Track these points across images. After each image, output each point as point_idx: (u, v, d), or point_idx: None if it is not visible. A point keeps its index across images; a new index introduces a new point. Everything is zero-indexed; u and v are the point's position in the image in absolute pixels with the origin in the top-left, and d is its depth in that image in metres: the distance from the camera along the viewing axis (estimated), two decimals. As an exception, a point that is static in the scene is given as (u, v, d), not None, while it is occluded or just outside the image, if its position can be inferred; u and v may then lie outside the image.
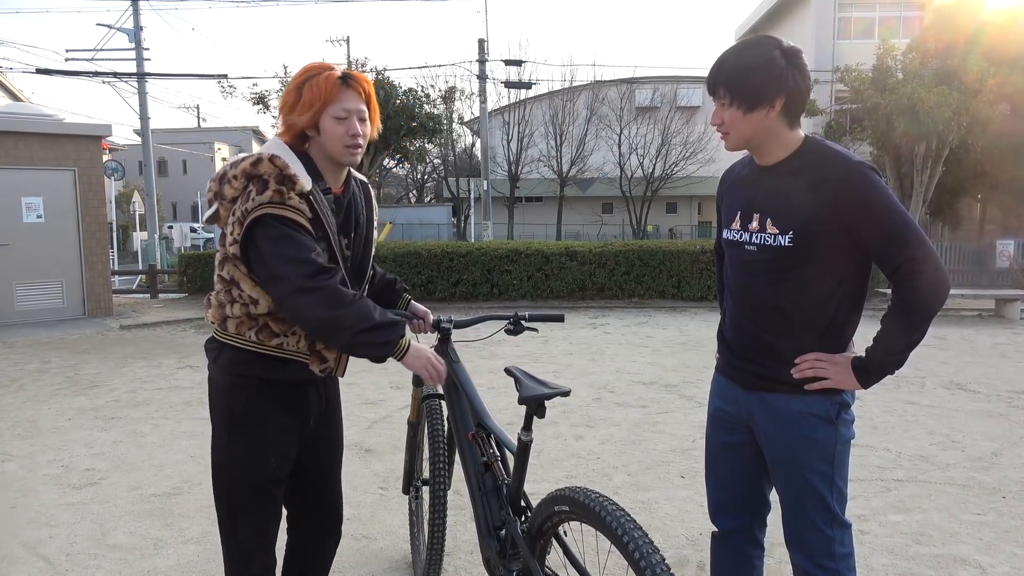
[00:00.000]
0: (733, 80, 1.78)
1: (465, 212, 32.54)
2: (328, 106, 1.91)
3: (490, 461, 2.23)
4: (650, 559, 1.55)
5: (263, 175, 1.83)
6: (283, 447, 2.02)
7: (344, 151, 1.95)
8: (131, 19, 18.88)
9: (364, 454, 4.48)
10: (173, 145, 39.44)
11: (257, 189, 1.82)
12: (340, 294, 1.81)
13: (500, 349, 8.02)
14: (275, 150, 1.89)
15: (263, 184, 1.82)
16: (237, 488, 2.00)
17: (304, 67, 1.99)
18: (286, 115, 1.95)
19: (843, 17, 24.71)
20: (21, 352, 8.00)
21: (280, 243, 1.80)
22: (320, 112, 1.91)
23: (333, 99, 1.91)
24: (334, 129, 1.92)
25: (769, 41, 1.79)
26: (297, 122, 1.92)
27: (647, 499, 3.75)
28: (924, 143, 14.49)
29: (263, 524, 2.03)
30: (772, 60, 1.75)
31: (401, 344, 1.92)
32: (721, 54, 1.83)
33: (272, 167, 1.83)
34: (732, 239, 1.96)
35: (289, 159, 1.87)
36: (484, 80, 21.55)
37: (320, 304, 1.79)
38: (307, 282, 1.78)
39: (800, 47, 1.84)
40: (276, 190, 1.81)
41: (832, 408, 1.84)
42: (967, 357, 7.73)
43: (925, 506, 3.64)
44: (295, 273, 1.78)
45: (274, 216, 1.80)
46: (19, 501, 3.75)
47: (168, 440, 4.76)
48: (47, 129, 10.12)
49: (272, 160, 1.84)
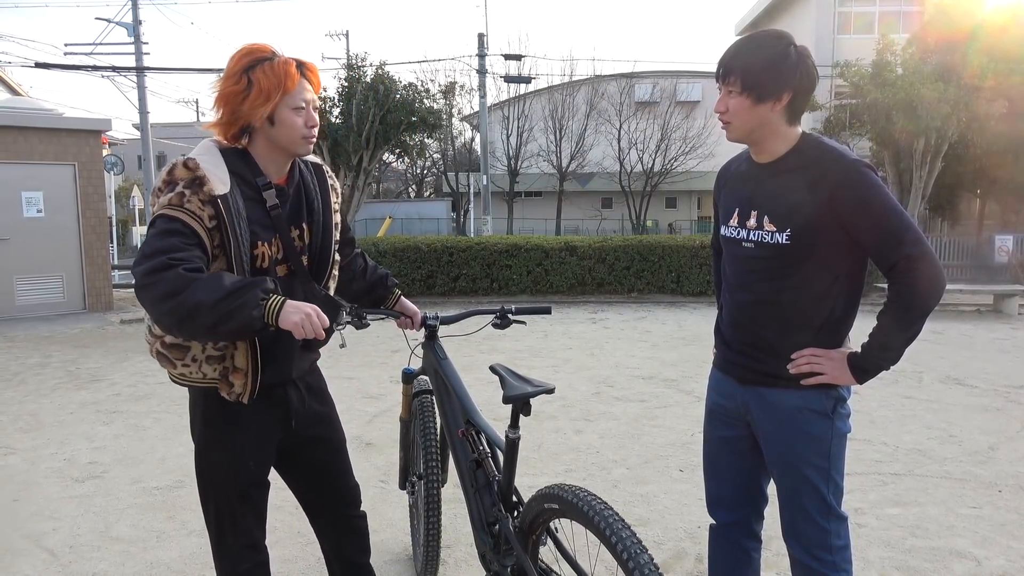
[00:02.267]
0: (749, 70, 1.78)
1: (465, 207, 32.53)
2: (286, 96, 1.82)
3: (481, 458, 2.25)
4: (638, 559, 1.55)
5: (176, 180, 1.76)
6: (261, 451, 2.01)
7: (302, 142, 1.89)
8: (130, 13, 18.88)
9: (365, 448, 4.51)
10: (172, 139, 39.37)
11: (167, 192, 1.76)
12: (180, 278, 1.62)
13: (500, 344, 8.04)
14: (196, 153, 1.81)
15: (171, 188, 1.75)
16: (218, 494, 1.99)
17: (243, 50, 1.85)
18: (233, 105, 1.82)
19: (843, 12, 24.66)
20: (22, 346, 8.02)
21: (151, 240, 1.69)
22: (278, 103, 1.82)
23: (292, 89, 1.83)
24: (292, 120, 1.85)
25: (785, 36, 1.81)
26: (251, 114, 1.82)
27: (646, 492, 3.78)
28: (923, 139, 14.47)
29: (248, 526, 2.03)
30: (788, 56, 1.77)
31: (271, 303, 1.69)
32: (737, 42, 1.84)
33: (185, 171, 1.77)
34: (730, 236, 1.98)
35: (209, 161, 1.79)
36: (483, 75, 21.55)
37: (161, 295, 1.61)
38: (147, 277, 1.63)
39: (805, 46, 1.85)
40: (179, 193, 1.73)
41: (828, 403, 1.87)
42: (965, 352, 7.76)
43: (922, 500, 3.67)
44: (141, 268, 1.65)
45: (165, 216, 1.72)
46: (22, 494, 3.78)
47: (169, 434, 4.78)
48: (47, 124, 10.12)
49: (186, 164, 1.77)
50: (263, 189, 1.89)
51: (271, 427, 2.02)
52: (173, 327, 1.68)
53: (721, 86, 1.85)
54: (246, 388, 1.90)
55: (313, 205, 2.02)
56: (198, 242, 1.73)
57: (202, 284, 1.62)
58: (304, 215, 2.00)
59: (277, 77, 1.81)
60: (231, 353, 1.87)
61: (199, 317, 1.61)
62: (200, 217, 1.74)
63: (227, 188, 1.79)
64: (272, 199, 1.90)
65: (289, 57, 1.86)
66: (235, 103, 1.82)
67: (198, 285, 1.61)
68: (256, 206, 1.88)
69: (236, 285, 1.66)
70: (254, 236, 1.86)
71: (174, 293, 1.61)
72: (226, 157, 1.85)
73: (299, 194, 2.00)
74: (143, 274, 1.64)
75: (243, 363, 1.87)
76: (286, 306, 1.69)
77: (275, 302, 1.69)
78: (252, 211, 1.86)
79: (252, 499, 2.02)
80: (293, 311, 1.69)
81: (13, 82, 24.09)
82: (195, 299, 1.60)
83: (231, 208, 1.78)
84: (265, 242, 1.89)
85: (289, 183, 1.98)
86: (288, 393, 2.05)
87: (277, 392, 2.01)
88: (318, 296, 2.02)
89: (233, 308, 1.63)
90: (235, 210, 1.79)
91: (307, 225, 2.01)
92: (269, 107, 1.82)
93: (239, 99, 1.82)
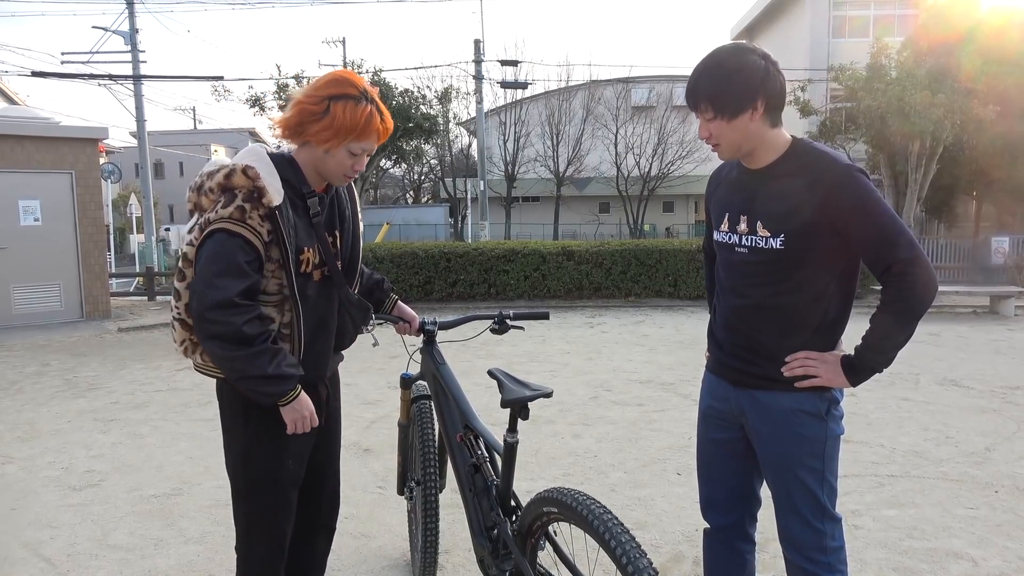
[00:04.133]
0: (713, 92, 1.79)
1: (462, 212, 32.55)
2: (353, 142, 1.88)
3: (479, 462, 2.25)
4: (637, 563, 1.56)
5: (234, 188, 1.81)
6: (299, 448, 2.04)
7: (341, 179, 1.97)
8: (127, 21, 18.91)
9: (362, 453, 4.51)
10: (169, 147, 39.42)
11: (224, 201, 1.81)
12: (241, 336, 1.77)
13: (498, 349, 8.05)
14: (249, 159, 1.85)
15: (231, 197, 1.81)
16: (256, 493, 2.00)
17: (337, 77, 1.90)
18: (304, 120, 1.87)
19: (838, 15, 24.75)
20: (19, 355, 8.02)
21: (215, 259, 1.78)
22: (344, 143, 1.88)
23: (362, 139, 1.88)
24: (344, 160, 1.91)
25: (740, 46, 1.82)
26: (314, 137, 1.87)
27: (643, 496, 3.79)
28: (918, 142, 14.54)
29: (279, 533, 2.04)
30: (746, 64, 1.77)
31: (288, 396, 1.88)
32: (696, 68, 1.84)
33: (245, 179, 1.81)
34: (723, 241, 1.99)
35: (265, 170, 1.84)
36: (480, 80, 21.59)
37: (216, 338, 1.77)
38: (212, 312, 1.75)
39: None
40: (239, 207, 1.79)
41: (821, 405, 1.88)
42: (961, 353, 7.78)
43: (918, 501, 3.68)
44: (215, 296, 1.75)
45: (227, 232, 1.78)
46: (20, 503, 3.78)
47: (167, 442, 4.78)
48: (44, 132, 10.12)
49: (245, 172, 1.81)
50: (307, 197, 1.95)
51: None
52: (210, 357, 1.85)
53: (696, 115, 1.87)
54: None
55: (344, 213, 2.12)
56: (258, 256, 1.82)
57: (252, 355, 1.79)
58: (337, 222, 2.09)
59: (355, 122, 1.86)
60: None
61: (232, 372, 1.83)
62: (260, 233, 1.81)
63: (281, 198, 1.85)
64: (315, 207, 1.97)
65: (373, 107, 1.89)
66: (307, 120, 1.87)
67: (249, 354, 1.78)
68: (301, 212, 1.95)
69: (274, 373, 1.82)
70: (299, 242, 1.93)
71: (228, 346, 1.77)
72: (276, 165, 1.90)
73: (333, 202, 2.08)
74: (212, 307, 1.75)
75: None
76: (295, 401, 1.89)
77: (291, 396, 1.88)
78: (298, 217, 1.93)
79: (287, 499, 2.04)
80: (299, 408, 1.90)
81: (10, 91, 24.14)
82: (239, 365, 1.80)
83: (286, 219, 1.86)
84: (309, 248, 1.96)
85: (328, 190, 2.05)
86: (319, 390, 2.11)
87: (309, 390, 2.05)
88: (351, 300, 2.10)
89: (257, 390, 1.84)
90: (288, 220, 1.87)
91: (339, 232, 2.09)
92: (335, 141, 1.87)
93: (312, 119, 1.87)
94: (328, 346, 2.10)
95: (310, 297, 1.99)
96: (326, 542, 2.33)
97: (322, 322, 2.06)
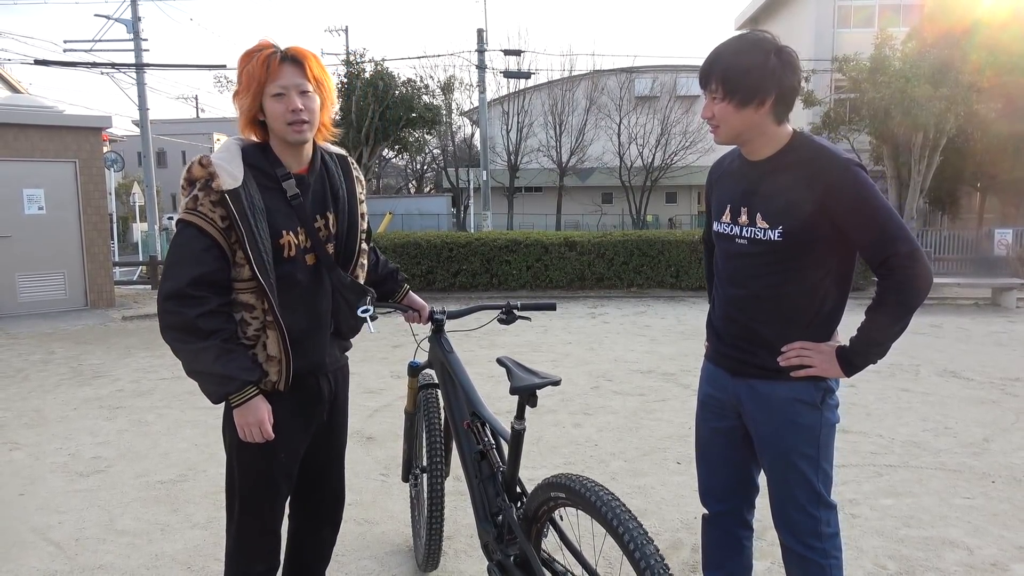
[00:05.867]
0: (729, 76, 1.81)
1: (464, 202, 32.55)
2: (265, 86, 1.87)
3: (485, 449, 2.28)
4: (644, 549, 1.57)
5: (194, 180, 1.85)
6: (292, 441, 2.04)
7: (287, 129, 1.89)
8: (129, 10, 18.86)
9: (366, 441, 4.56)
10: (172, 136, 39.39)
11: (185, 193, 1.86)
12: (193, 328, 1.81)
13: (500, 339, 8.09)
14: (216, 151, 1.90)
15: (191, 189, 1.85)
16: (246, 482, 2.02)
17: (245, 51, 1.93)
18: (237, 103, 1.93)
19: (843, 6, 24.62)
20: (25, 343, 8.07)
21: (171, 251, 1.85)
22: (259, 94, 1.88)
23: (269, 77, 1.87)
24: (274, 108, 1.88)
25: (765, 39, 1.83)
26: (242, 107, 1.91)
27: (643, 484, 3.83)
28: (921, 133, 14.50)
29: (269, 521, 2.07)
30: (767, 59, 1.79)
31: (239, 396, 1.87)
32: (717, 48, 1.86)
33: (200, 169, 1.84)
34: (723, 232, 2.02)
35: (223, 158, 1.86)
36: (483, 70, 21.52)
37: (169, 328, 1.84)
38: (166, 303, 1.82)
39: (793, 47, 1.88)
40: (193, 196, 1.83)
41: (817, 394, 1.91)
42: (962, 345, 7.80)
43: (916, 490, 3.72)
44: (165, 288, 1.82)
45: (184, 222, 1.84)
46: (28, 488, 3.83)
47: (172, 429, 4.83)
48: (48, 121, 10.15)
49: (200, 162, 1.85)
50: (282, 180, 1.94)
51: (305, 418, 2.06)
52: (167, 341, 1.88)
53: (704, 92, 1.89)
54: (281, 375, 1.95)
55: (338, 194, 2.07)
56: (213, 243, 1.83)
57: (200, 352, 1.83)
58: (329, 204, 2.05)
59: (254, 68, 1.87)
60: (263, 340, 1.92)
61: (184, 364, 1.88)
62: (212, 219, 1.82)
63: (238, 183, 1.84)
64: (292, 189, 1.95)
65: (273, 48, 1.89)
66: (235, 99, 1.93)
67: (197, 350, 1.82)
68: (277, 196, 1.94)
69: (217, 371, 1.84)
70: (276, 226, 1.91)
71: (179, 337, 1.83)
72: (245, 152, 1.91)
73: (323, 183, 2.04)
74: (164, 297, 1.82)
75: (276, 351, 1.93)
76: (243, 406, 1.88)
77: (242, 397, 1.87)
78: (273, 202, 1.92)
79: (276, 490, 2.05)
80: (245, 413, 1.89)
81: (13, 79, 24.12)
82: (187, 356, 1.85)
83: (242, 202, 1.84)
84: (290, 231, 1.94)
85: (310, 172, 2.01)
86: (320, 384, 2.10)
87: (310, 382, 2.05)
88: (344, 283, 2.07)
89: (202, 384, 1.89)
90: (248, 203, 1.85)
91: (332, 214, 2.05)
92: (250, 99, 1.89)
93: (236, 95, 1.93)
94: (323, 334, 2.06)
95: (300, 282, 1.97)
96: (331, 536, 2.35)
97: (312, 308, 2.02)
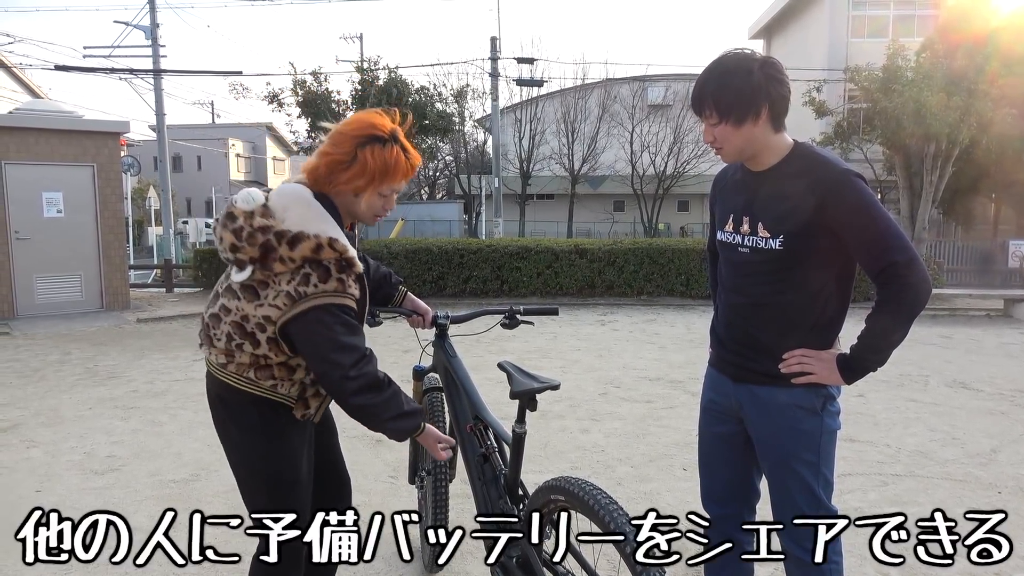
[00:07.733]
0: (720, 99, 1.85)
1: (476, 209, 32.64)
2: (383, 185, 1.90)
3: (488, 452, 2.32)
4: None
5: (323, 261, 1.81)
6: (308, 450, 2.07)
7: (371, 220, 1.99)
8: (148, 16, 19.12)
9: (374, 444, 4.61)
10: (188, 141, 39.75)
11: (319, 276, 1.80)
12: (379, 382, 1.87)
13: (510, 344, 8.13)
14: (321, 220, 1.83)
15: (325, 272, 1.80)
16: (276, 496, 1.99)
17: (362, 120, 1.90)
18: (333, 169, 1.88)
19: (857, 15, 24.55)
20: (42, 344, 8.20)
21: (336, 330, 1.82)
22: (379, 185, 1.90)
23: (391, 182, 1.90)
24: (374, 202, 1.93)
25: (746, 56, 1.87)
26: (345, 184, 1.88)
27: (649, 490, 3.86)
28: (933, 143, 14.44)
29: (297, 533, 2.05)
30: (752, 75, 1.83)
31: (419, 429, 1.99)
32: (702, 74, 1.90)
33: (333, 253, 1.81)
34: (726, 241, 2.06)
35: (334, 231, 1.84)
36: (496, 78, 21.65)
37: (363, 391, 1.85)
38: (354, 370, 1.83)
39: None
40: (339, 279, 1.82)
41: (817, 400, 1.94)
42: (972, 356, 7.77)
43: (921, 500, 3.73)
44: (347, 360, 1.82)
45: (337, 304, 1.82)
46: (44, 485, 3.91)
47: (185, 429, 4.91)
48: (67, 126, 10.33)
49: (332, 246, 1.81)
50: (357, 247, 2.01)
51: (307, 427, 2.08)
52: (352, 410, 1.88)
53: (700, 119, 1.94)
54: (319, 409, 2.04)
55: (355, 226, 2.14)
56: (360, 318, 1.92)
57: (390, 396, 1.90)
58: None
59: (384, 166, 1.87)
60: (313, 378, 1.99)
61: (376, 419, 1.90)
62: (356, 296, 1.88)
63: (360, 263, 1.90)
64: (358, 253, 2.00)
65: (399, 147, 1.90)
66: (336, 169, 1.88)
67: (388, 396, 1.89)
68: None
69: (409, 409, 1.93)
70: None
71: (374, 394, 1.87)
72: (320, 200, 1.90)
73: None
74: (354, 366, 1.84)
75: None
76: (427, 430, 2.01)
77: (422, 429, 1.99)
78: None
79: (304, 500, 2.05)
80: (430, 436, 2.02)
81: (33, 84, 24.47)
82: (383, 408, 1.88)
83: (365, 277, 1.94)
84: None
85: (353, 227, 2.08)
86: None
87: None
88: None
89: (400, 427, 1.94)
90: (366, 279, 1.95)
91: None
92: (365, 189, 1.90)
93: (341, 167, 1.87)
94: None
95: None
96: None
97: None
